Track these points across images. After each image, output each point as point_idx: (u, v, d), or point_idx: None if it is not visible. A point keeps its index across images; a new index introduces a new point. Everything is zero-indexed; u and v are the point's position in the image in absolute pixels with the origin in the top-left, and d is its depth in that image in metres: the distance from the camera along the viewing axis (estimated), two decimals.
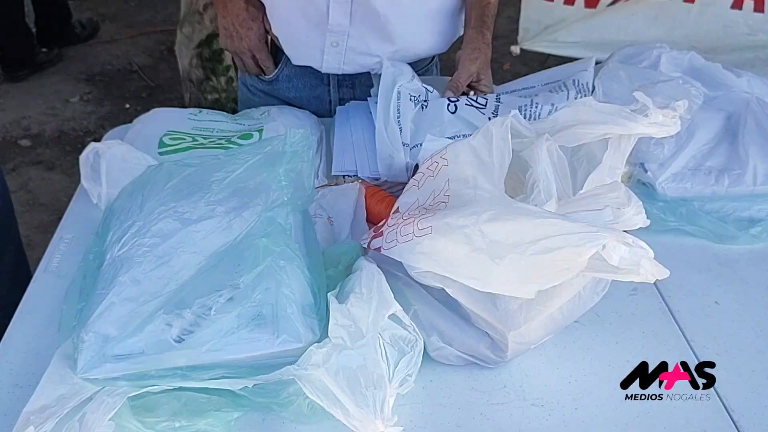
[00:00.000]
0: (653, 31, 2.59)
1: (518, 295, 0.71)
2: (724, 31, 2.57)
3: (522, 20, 2.67)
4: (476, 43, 1.24)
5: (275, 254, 0.82)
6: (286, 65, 1.33)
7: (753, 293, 0.96)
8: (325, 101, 1.35)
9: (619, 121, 0.79)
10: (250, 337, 0.78)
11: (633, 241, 0.65)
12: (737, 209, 1.05)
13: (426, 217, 0.81)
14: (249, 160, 0.91)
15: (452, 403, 0.81)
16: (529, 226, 0.69)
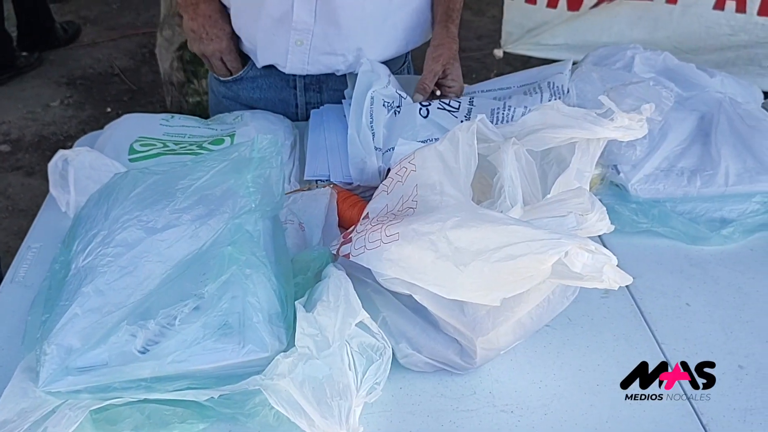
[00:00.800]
0: (636, 33, 2.60)
1: (483, 302, 0.71)
2: (706, 31, 2.59)
3: (505, 23, 2.68)
4: (440, 39, 1.24)
5: (240, 262, 0.81)
6: (251, 67, 1.32)
7: (724, 294, 0.96)
8: (291, 105, 1.35)
9: (584, 125, 0.78)
10: (216, 347, 0.77)
11: (596, 247, 0.65)
12: (709, 210, 1.06)
13: (394, 223, 0.80)
14: (215, 167, 0.90)
15: (421, 410, 0.80)
16: (493, 233, 0.69)
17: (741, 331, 0.90)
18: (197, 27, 1.27)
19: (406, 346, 0.82)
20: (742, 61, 2.65)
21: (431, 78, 1.21)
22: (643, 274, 0.98)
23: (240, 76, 1.33)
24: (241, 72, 1.33)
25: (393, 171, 0.91)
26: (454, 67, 1.23)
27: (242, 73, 1.33)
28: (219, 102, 1.38)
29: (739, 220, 1.05)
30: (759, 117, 1.14)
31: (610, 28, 2.63)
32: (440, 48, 1.23)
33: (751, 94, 1.30)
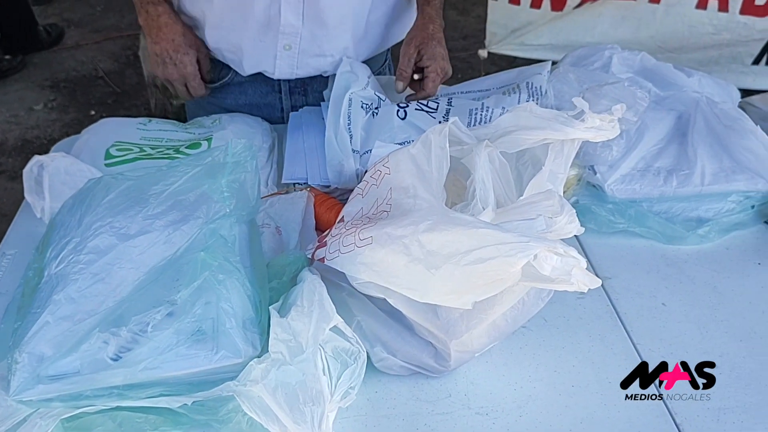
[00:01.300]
0: (620, 32, 2.61)
1: (454, 305, 0.71)
2: (689, 30, 2.60)
3: (489, 24, 2.68)
4: (415, 22, 1.23)
5: (213, 268, 0.81)
6: (236, 74, 1.31)
7: (700, 293, 0.96)
8: (276, 108, 1.34)
9: (556, 127, 0.79)
10: (189, 353, 0.77)
11: (564, 250, 0.65)
12: (685, 210, 1.06)
13: (368, 227, 0.80)
14: (188, 172, 0.89)
15: (396, 414, 0.80)
16: (464, 236, 0.69)
17: (716, 330, 0.91)
18: (160, 51, 1.23)
19: (381, 350, 0.82)
20: (725, 60, 2.67)
21: (406, 62, 1.19)
22: (620, 275, 0.99)
23: (225, 82, 1.32)
24: (225, 79, 1.32)
25: (368, 174, 0.91)
26: (428, 47, 1.18)
27: (227, 80, 1.32)
28: (200, 107, 1.36)
29: (715, 220, 1.05)
30: (735, 116, 1.15)
31: (594, 28, 2.64)
32: (414, 30, 1.21)
33: (728, 94, 1.30)
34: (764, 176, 1.07)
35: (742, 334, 0.90)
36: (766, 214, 1.09)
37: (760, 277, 0.99)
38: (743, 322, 0.92)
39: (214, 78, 1.32)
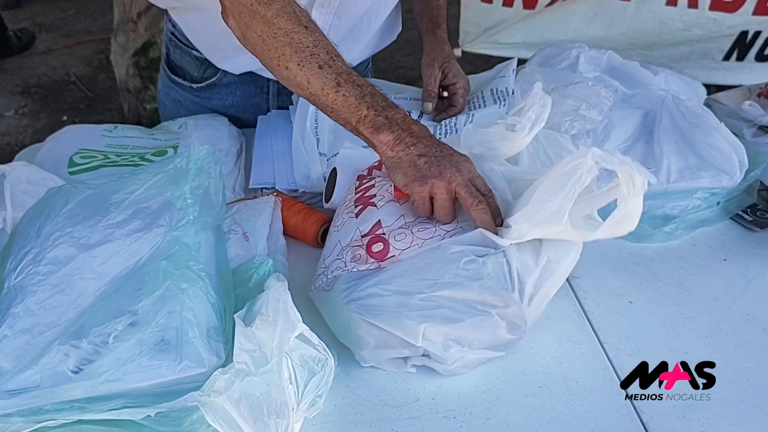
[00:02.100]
0: (592, 30, 2.63)
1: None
2: (660, 27, 2.62)
3: (462, 23, 2.68)
4: (431, 46, 1.25)
5: (175, 277, 0.80)
6: (225, 74, 1.29)
7: (666, 291, 0.97)
8: (262, 109, 1.33)
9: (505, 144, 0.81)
10: (151, 364, 0.76)
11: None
12: (651, 207, 1.07)
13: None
14: (150, 179, 0.88)
15: (364, 419, 0.79)
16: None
17: (682, 327, 0.91)
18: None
19: (456, 350, 0.80)
20: (696, 56, 2.69)
21: (433, 82, 1.21)
22: (588, 274, 0.99)
23: (212, 82, 1.30)
24: (212, 79, 1.30)
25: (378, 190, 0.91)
26: (451, 65, 1.22)
27: (214, 80, 1.30)
28: (185, 109, 1.34)
29: (681, 217, 1.06)
30: (700, 114, 1.16)
31: (567, 25, 2.65)
32: (432, 53, 1.23)
33: (694, 91, 1.32)
34: (729, 173, 1.08)
35: (707, 331, 0.91)
36: (731, 210, 1.10)
37: (726, 273, 1.00)
38: (708, 318, 0.92)
39: (200, 78, 1.31)
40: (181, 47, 1.30)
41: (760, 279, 0.99)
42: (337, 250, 0.89)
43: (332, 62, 0.88)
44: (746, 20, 2.53)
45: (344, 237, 0.90)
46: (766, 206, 1.12)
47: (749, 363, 0.86)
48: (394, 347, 0.82)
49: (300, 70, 0.87)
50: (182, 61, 1.31)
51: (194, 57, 1.28)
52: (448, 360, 0.81)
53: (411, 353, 0.82)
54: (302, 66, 0.87)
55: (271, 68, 0.92)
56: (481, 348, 0.81)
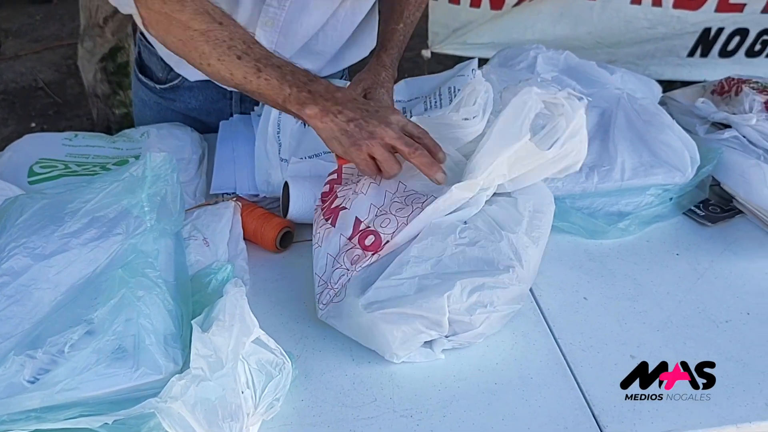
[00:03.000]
0: (559, 29, 2.66)
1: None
2: (625, 25, 2.66)
3: (430, 24, 2.70)
4: (369, 66, 1.22)
5: (131, 284, 0.80)
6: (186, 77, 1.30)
7: (620, 286, 0.99)
8: (226, 114, 1.33)
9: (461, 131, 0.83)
10: (108, 372, 0.76)
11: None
12: (606, 204, 1.09)
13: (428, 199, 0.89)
14: (105, 188, 0.88)
15: (322, 421, 0.80)
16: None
17: (634, 321, 0.93)
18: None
19: (481, 312, 0.84)
20: (661, 53, 2.74)
21: None
22: (544, 271, 1.00)
23: (175, 84, 1.31)
24: (175, 81, 1.31)
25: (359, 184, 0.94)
26: (376, 92, 1.17)
27: (177, 82, 1.31)
28: (151, 109, 1.34)
29: (635, 213, 1.08)
30: (653, 112, 1.18)
31: (534, 25, 2.68)
32: (364, 73, 1.21)
33: (649, 89, 1.34)
34: (681, 169, 1.11)
35: (658, 324, 0.93)
36: (684, 205, 1.13)
37: (678, 267, 1.03)
38: (660, 312, 0.95)
39: (164, 79, 1.31)
40: (149, 47, 1.31)
41: (711, 273, 1.02)
42: (331, 262, 0.91)
43: (250, 50, 0.91)
44: (709, 17, 2.58)
45: (331, 248, 0.91)
46: (718, 201, 1.15)
47: (698, 355, 0.88)
48: (422, 331, 0.84)
49: (222, 65, 0.91)
50: (150, 61, 1.33)
51: (159, 57, 1.30)
52: (475, 323, 0.84)
53: (438, 333, 0.85)
54: (222, 60, 0.91)
55: (196, 67, 0.95)
56: (501, 305, 0.85)
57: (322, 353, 0.89)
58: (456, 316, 0.83)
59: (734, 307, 0.96)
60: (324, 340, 0.90)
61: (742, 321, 0.94)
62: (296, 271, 1.01)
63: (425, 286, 0.83)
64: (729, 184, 1.14)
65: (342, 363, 0.87)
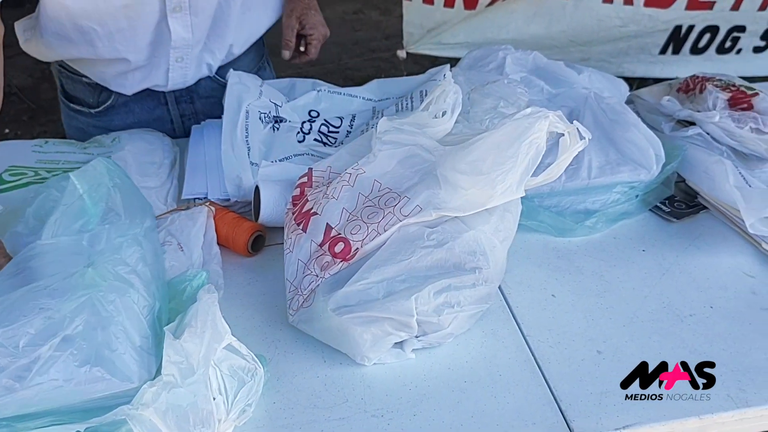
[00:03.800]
0: (533, 28, 2.68)
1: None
2: (598, 24, 2.69)
3: (405, 25, 2.71)
4: None
5: (102, 288, 0.81)
6: (120, 95, 1.30)
7: (587, 283, 1.01)
8: (166, 121, 1.34)
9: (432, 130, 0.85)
10: (81, 380, 0.76)
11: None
12: (574, 203, 1.11)
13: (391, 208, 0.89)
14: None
15: (294, 423, 0.81)
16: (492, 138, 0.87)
17: (601, 317, 0.95)
18: None
19: (449, 312, 0.85)
20: (634, 51, 2.77)
21: (290, 33, 1.30)
22: (513, 269, 1.02)
23: (110, 105, 1.31)
24: (108, 102, 1.31)
25: (329, 187, 0.95)
26: (308, 16, 1.31)
27: (111, 102, 1.31)
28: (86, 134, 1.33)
29: (602, 211, 1.10)
30: (619, 111, 1.20)
31: (508, 24, 2.70)
32: (291, 4, 1.31)
33: (616, 88, 1.37)
34: (646, 166, 1.13)
35: (624, 320, 0.95)
36: (650, 202, 1.15)
37: (644, 263, 1.05)
38: (626, 307, 0.97)
39: (95, 103, 1.31)
40: (72, 77, 1.32)
41: (676, 268, 1.04)
42: (301, 268, 0.91)
43: None
44: (679, 15, 2.62)
45: (302, 254, 0.92)
46: (684, 197, 1.17)
47: (662, 349, 0.90)
48: (391, 333, 0.85)
49: None
50: (76, 90, 1.34)
51: (86, 84, 1.31)
52: (444, 324, 0.86)
53: (408, 335, 0.86)
54: None
55: None
56: (469, 304, 0.86)
57: (294, 356, 0.90)
58: (424, 317, 0.84)
59: (698, 301, 0.98)
60: (296, 342, 0.91)
61: (706, 315, 0.96)
62: (268, 274, 1.02)
63: (394, 289, 0.85)
64: (693, 180, 1.17)
65: (314, 365, 0.88)
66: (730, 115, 1.22)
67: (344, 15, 4.03)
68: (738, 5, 2.57)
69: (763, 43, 2.74)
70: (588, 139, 0.89)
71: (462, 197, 0.88)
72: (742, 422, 0.84)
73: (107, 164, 0.95)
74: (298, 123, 1.20)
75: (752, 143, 1.17)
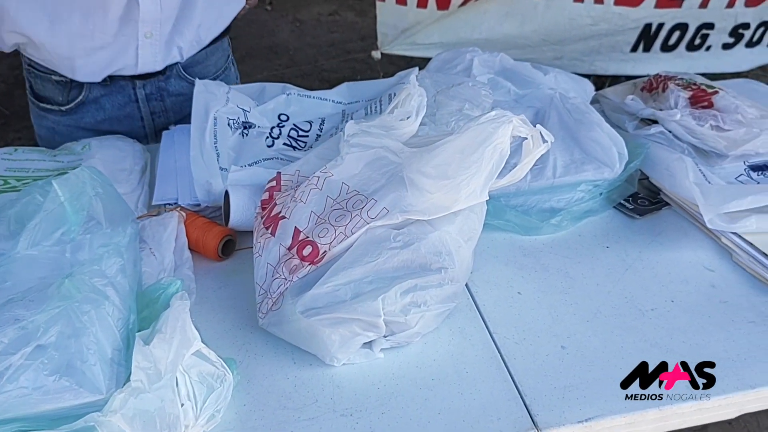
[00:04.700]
0: (505, 28, 2.72)
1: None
2: (569, 23, 2.73)
3: (379, 25, 2.73)
4: None
5: (77, 299, 0.81)
6: (90, 90, 1.31)
7: (552, 280, 1.03)
8: (136, 118, 1.36)
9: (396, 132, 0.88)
10: (50, 389, 0.77)
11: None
12: (539, 201, 1.13)
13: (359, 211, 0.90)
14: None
15: (264, 425, 0.83)
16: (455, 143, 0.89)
17: (565, 313, 0.98)
18: None
19: (415, 312, 0.86)
20: (605, 49, 2.81)
21: None
22: (481, 268, 1.04)
23: (80, 101, 1.32)
24: (78, 98, 1.32)
25: (298, 190, 0.96)
26: None
27: (82, 98, 1.32)
28: (57, 132, 1.34)
29: (566, 209, 1.13)
30: (584, 110, 1.23)
31: (481, 24, 2.73)
32: None
33: (582, 88, 1.39)
34: (609, 165, 1.15)
35: (588, 315, 0.97)
36: (614, 199, 1.18)
37: (608, 259, 1.07)
38: (590, 303, 0.99)
39: (65, 101, 1.32)
40: (41, 75, 1.32)
41: (638, 263, 1.07)
42: (270, 271, 0.93)
43: None
44: (649, 13, 2.66)
45: (271, 258, 0.93)
46: (647, 194, 1.20)
47: (624, 342, 0.93)
48: (359, 333, 0.86)
49: None
50: (45, 90, 1.34)
51: (55, 82, 1.31)
52: (411, 323, 0.87)
53: (376, 335, 0.87)
54: None
55: None
56: (435, 304, 0.88)
57: (264, 358, 0.91)
58: (391, 317, 0.86)
59: (659, 295, 1.01)
60: (266, 345, 0.93)
61: (667, 308, 0.99)
62: (239, 278, 1.03)
63: (361, 291, 0.86)
64: (655, 177, 1.20)
65: (284, 367, 0.90)
66: (691, 113, 1.25)
67: (320, 17, 4.04)
68: (706, 3, 2.62)
69: (732, 39, 2.79)
70: (550, 142, 0.91)
71: (428, 200, 0.89)
72: (700, 412, 0.87)
73: (90, 172, 0.95)
74: (268, 128, 1.21)
75: (712, 140, 1.21)
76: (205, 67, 1.38)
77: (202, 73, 1.39)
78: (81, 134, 1.33)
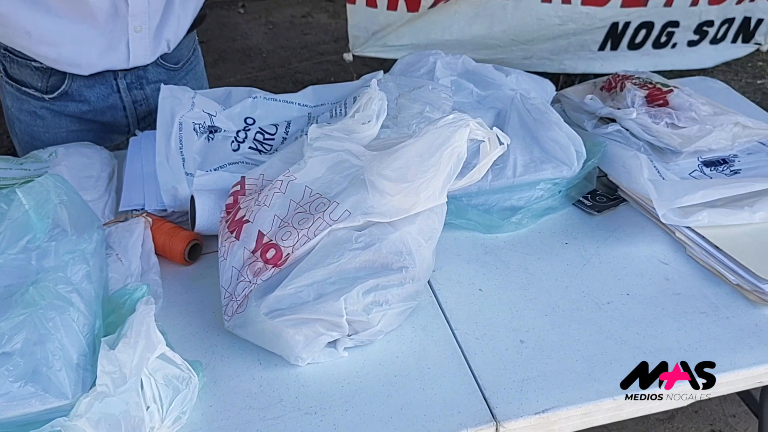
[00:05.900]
0: (475, 29, 2.75)
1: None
2: (538, 23, 2.77)
3: (350, 28, 2.75)
4: None
5: (41, 306, 0.82)
6: (72, 80, 1.32)
7: (513, 276, 1.06)
8: (119, 108, 1.38)
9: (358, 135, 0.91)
10: (16, 395, 0.78)
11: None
12: (500, 200, 1.16)
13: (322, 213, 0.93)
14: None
15: (230, 425, 0.84)
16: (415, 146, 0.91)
17: (525, 308, 1.01)
18: None
19: (377, 311, 0.89)
20: (574, 48, 2.86)
21: None
22: (443, 266, 1.07)
23: (62, 91, 1.33)
24: (61, 88, 1.32)
25: (261, 194, 0.98)
26: None
27: (63, 88, 1.33)
28: (36, 116, 1.35)
29: (527, 207, 1.16)
30: (543, 110, 1.26)
31: (451, 25, 2.76)
32: None
33: (543, 88, 1.42)
34: (568, 163, 1.19)
35: (547, 309, 1.00)
36: (573, 197, 1.21)
37: (566, 255, 1.11)
38: (549, 298, 1.02)
39: (44, 88, 1.33)
40: (18, 61, 1.32)
41: (596, 258, 1.10)
42: (235, 275, 0.94)
43: None
44: (616, 12, 2.71)
45: (235, 261, 0.95)
46: (605, 191, 1.24)
47: (581, 336, 0.96)
48: (323, 333, 0.88)
49: None
50: (23, 75, 1.34)
51: (34, 68, 1.31)
52: (373, 322, 0.90)
53: (339, 334, 0.90)
54: None
55: None
56: (397, 302, 0.91)
57: (230, 360, 0.93)
58: (354, 316, 0.88)
59: (615, 289, 1.04)
60: (232, 347, 0.94)
61: (622, 302, 1.02)
62: (205, 282, 1.04)
63: (324, 291, 0.88)
64: (613, 174, 1.23)
65: (250, 368, 0.92)
66: (647, 111, 1.29)
67: (293, 19, 4.05)
68: (671, 2, 2.67)
69: (697, 37, 2.85)
70: (507, 144, 0.94)
71: (388, 203, 0.92)
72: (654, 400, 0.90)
73: (55, 180, 0.96)
74: (234, 131, 1.22)
75: (667, 137, 1.24)
76: (179, 50, 1.40)
77: (177, 57, 1.41)
78: (64, 121, 1.35)
